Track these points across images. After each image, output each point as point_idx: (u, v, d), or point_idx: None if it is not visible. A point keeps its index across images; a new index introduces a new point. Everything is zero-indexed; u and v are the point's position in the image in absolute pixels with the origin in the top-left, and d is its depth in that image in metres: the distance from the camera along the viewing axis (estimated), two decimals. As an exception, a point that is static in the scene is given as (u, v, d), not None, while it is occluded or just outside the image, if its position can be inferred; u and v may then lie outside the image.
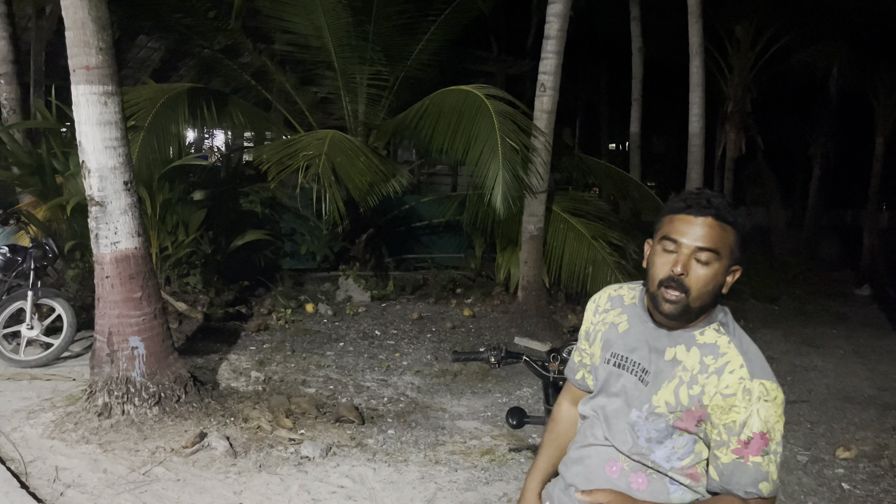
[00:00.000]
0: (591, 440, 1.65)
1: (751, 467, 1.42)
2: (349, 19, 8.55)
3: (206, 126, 9.00)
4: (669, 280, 1.49)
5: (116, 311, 4.50)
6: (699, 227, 1.47)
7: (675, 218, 1.51)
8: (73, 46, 4.27)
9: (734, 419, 1.43)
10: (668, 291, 1.49)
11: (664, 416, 1.51)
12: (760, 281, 11.77)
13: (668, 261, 1.50)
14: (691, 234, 1.47)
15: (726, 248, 1.48)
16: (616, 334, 1.68)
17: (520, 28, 16.75)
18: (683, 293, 1.48)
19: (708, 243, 1.47)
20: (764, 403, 1.42)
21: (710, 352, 1.51)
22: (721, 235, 1.47)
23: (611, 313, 1.73)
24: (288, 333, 7.33)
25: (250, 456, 4.21)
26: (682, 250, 1.48)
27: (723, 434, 1.45)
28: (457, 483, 4.05)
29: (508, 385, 6.10)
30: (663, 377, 1.53)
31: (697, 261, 1.47)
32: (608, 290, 1.79)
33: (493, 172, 6.94)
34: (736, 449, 1.43)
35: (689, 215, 1.49)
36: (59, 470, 3.87)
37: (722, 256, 1.48)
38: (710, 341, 1.53)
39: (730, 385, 1.45)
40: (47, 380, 5.39)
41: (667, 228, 1.52)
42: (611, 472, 1.59)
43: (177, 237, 7.75)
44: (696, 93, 9.44)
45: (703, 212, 1.48)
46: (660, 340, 1.57)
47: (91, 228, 4.49)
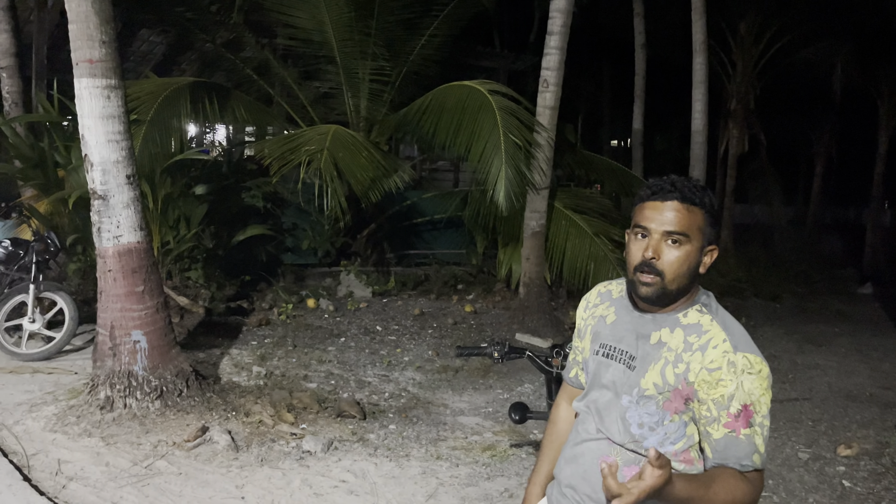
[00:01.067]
0: (583, 436, 1.66)
1: (743, 440, 1.43)
2: (352, 14, 8.53)
3: (207, 120, 8.98)
4: (643, 265, 1.53)
5: (119, 305, 4.50)
6: (666, 212, 1.52)
7: (643, 206, 1.56)
8: (77, 40, 4.27)
9: (721, 393, 1.45)
10: (643, 276, 1.53)
11: (654, 397, 1.53)
12: (762, 279, 11.78)
13: (641, 247, 1.54)
14: (658, 220, 1.52)
15: (695, 229, 1.52)
16: (604, 326, 1.71)
17: (522, 24, 16.74)
18: (658, 276, 1.52)
19: (675, 227, 1.51)
20: (748, 376, 1.44)
21: (693, 331, 1.53)
22: (688, 217, 1.51)
23: (599, 307, 1.77)
24: (289, 328, 7.33)
25: (252, 450, 4.21)
26: (652, 236, 1.53)
27: (712, 410, 1.46)
28: (458, 478, 4.05)
29: (510, 381, 6.09)
30: (649, 360, 1.55)
31: (668, 244, 1.52)
32: (599, 287, 1.84)
33: (495, 168, 6.92)
34: (727, 423, 1.45)
35: (656, 201, 1.54)
36: (62, 463, 3.87)
37: (692, 238, 1.52)
38: (693, 321, 1.55)
39: (714, 360, 1.47)
40: (49, 373, 5.39)
41: (637, 217, 1.57)
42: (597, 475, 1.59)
43: (178, 232, 7.75)
44: (699, 90, 9.43)
45: (668, 196, 1.52)
46: (645, 326, 1.60)
47: (94, 222, 4.49)
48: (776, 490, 4.08)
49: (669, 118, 19.43)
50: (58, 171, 7.36)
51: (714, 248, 1.57)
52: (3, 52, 7.86)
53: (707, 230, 1.54)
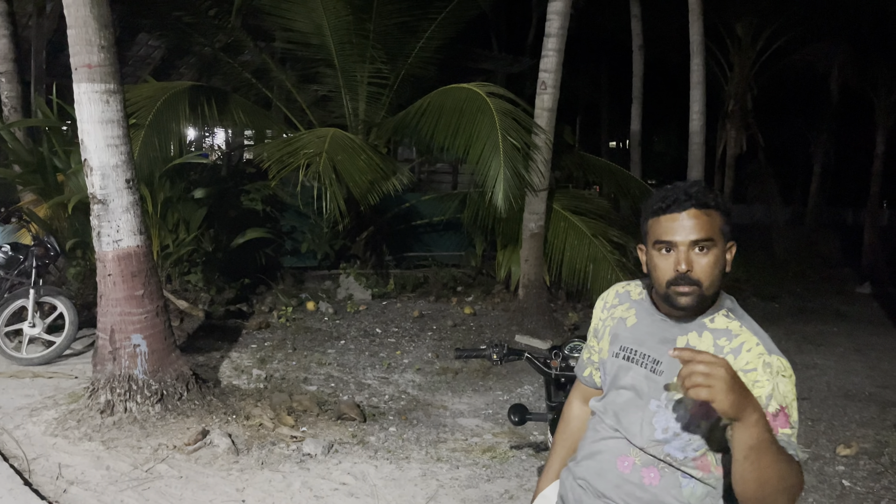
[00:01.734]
0: (602, 435, 1.66)
1: (783, 439, 1.41)
2: (349, 17, 8.55)
3: (206, 124, 8.99)
4: (678, 279, 1.51)
5: (118, 309, 4.51)
6: (686, 222, 1.50)
7: (659, 220, 1.54)
8: (75, 45, 4.28)
9: (758, 394, 1.43)
10: (680, 287, 1.51)
11: (684, 401, 1.52)
12: (761, 279, 11.80)
13: (670, 262, 1.52)
14: (681, 231, 1.50)
15: (717, 231, 1.51)
16: (624, 328, 1.70)
17: (520, 26, 16.78)
18: (696, 286, 1.50)
19: (700, 234, 1.49)
20: (783, 378, 1.45)
21: (723, 335, 1.53)
22: (708, 222, 1.50)
23: (619, 308, 1.76)
24: (289, 331, 7.34)
25: (252, 453, 4.22)
26: (678, 248, 1.51)
27: None
28: (458, 480, 4.06)
29: (509, 383, 6.11)
30: (677, 364, 1.51)
31: (696, 252, 1.50)
32: (616, 287, 1.83)
33: (494, 170, 6.93)
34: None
35: (673, 213, 1.51)
36: (62, 467, 3.88)
37: (716, 241, 1.51)
38: (721, 326, 1.55)
39: (749, 361, 1.47)
40: (49, 377, 5.40)
41: (656, 232, 1.54)
42: (622, 466, 1.60)
43: (178, 235, 7.75)
44: (697, 91, 9.45)
45: (684, 206, 1.51)
46: (670, 331, 1.59)
47: (93, 226, 4.50)
48: (775, 490, 4.08)
49: (668, 119, 19.49)
50: (57, 176, 7.36)
51: (733, 243, 1.57)
52: (1, 58, 7.88)
53: (726, 229, 1.54)
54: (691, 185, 1.54)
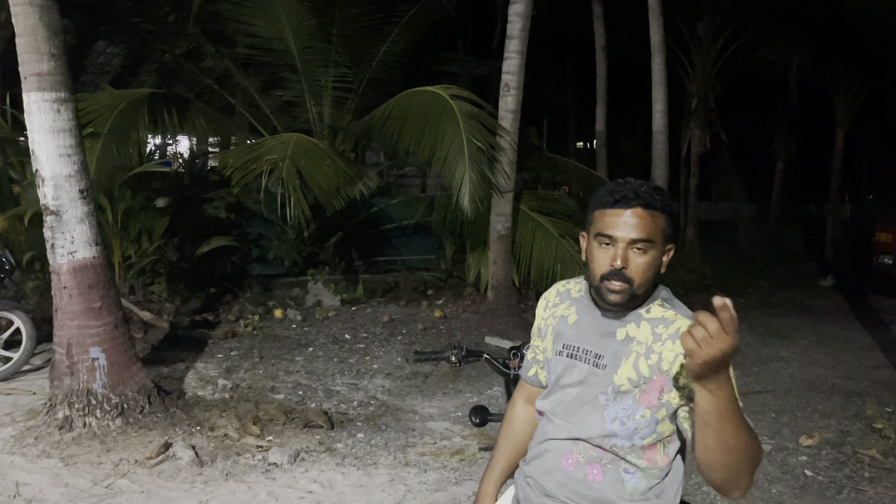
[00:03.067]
0: (549, 435, 1.67)
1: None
2: (312, 21, 8.48)
3: (167, 132, 8.86)
4: (611, 274, 1.53)
5: (76, 322, 4.41)
6: (630, 219, 1.52)
7: (605, 213, 1.55)
8: (24, 53, 4.18)
9: None
10: (611, 283, 1.54)
11: (630, 392, 1.55)
12: (727, 274, 11.96)
13: (607, 256, 1.54)
14: (623, 228, 1.52)
15: (658, 233, 1.53)
16: (566, 326, 1.72)
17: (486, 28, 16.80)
18: (627, 283, 1.53)
19: (641, 234, 1.51)
20: None
21: (659, 323, 1.56)
22: (652, 223, 1.52)
23: (560, 307, 1.78)
24: (256, 340, 7.26)
25: (217, 464, 4.16)
26: (617, 244, 1.52)
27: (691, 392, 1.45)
28: (426, 484, 4.04)
29: (479, 385, 6.10)
30: (620, 356, 1.57)
31: (634, 251, 1.52)
32: (556, 286, 1.85)
33: (459, 173, 6.93)
34: None
35: (619, 209, 1.53)
36: (20, 485, 3.78)
37: (656, 243, 1.53)
38: (657, 316, 1.58)
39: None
40: (7, 394, 5.26)
41: (599, 224, 1.56)
42: (567, 464, 1.62)
43: (140, 245, 7.63)
44: (659, 90, 9.56)
45: (631, 203, 1.52)
46: (609, 325, 1.62)
47: (47, 238, 4.40)
48: (740, 483, 4.12)
49: (634, 119, 19.65)
50: (13, 188, 7.21)
51: (672, 246, 1.60)
52: (-47, 68, 7.68)
53: (668, 232, 1.56)
54: (641, 184, 1.55)
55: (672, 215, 1.57)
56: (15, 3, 4.06)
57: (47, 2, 4.11)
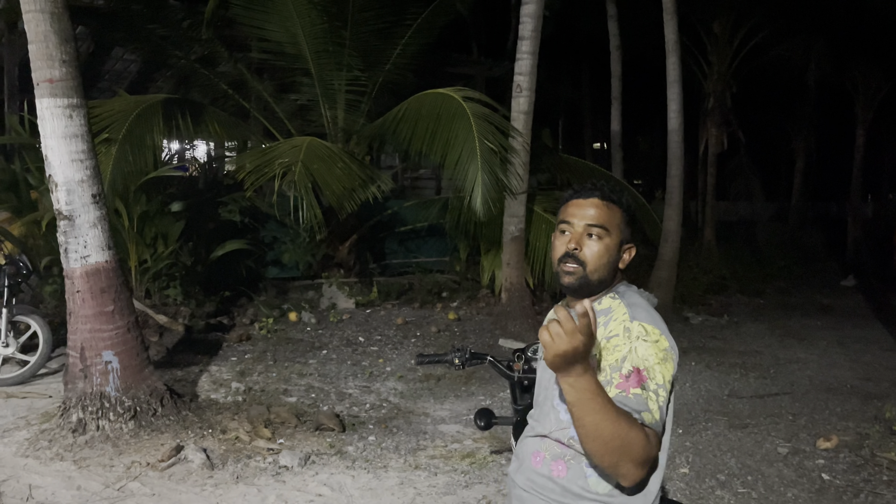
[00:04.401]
0: (525, 434, 1.76)
1: (632, 398, 1.45)
2: (324, 25, 8.52)
3: (181, 137, 8.93)
4: (566, 256, 1.63)
5: (88, 326, 4.45)
6: (587, 208, 1.64)
7: (567, 205, 1.69)
8: (37, 60, 4.23)
9: (616, 357, 1.52)
10: (566, 265, 1.63)
11: None
12: (746, 275, 11.82)
13: (564, 240, 1.65)
14: (580, 215, 1.64)
15: (614, 225, 1.64)
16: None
17: (500, 30, 16.78)
18: (580, 265, 1.62)
19: (596, 220, 1.62)
20: (643, 342, 1.51)
21: (602, 314, 1.62)
22: (608, 213, 1.64)
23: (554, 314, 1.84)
24: (270, 343, 7.28)
25: (227, 467, 4.17)
26: (574, 229, 1.64)
27: (608, 373, 1.51)
28: (436, 487, 4.02)
29: (492, 387, 6.07)
30: None
31: (589, 237, 1.63)
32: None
33: (471, 175, 6.92)
34: (619, 384, 1.48)
35: (578, 199, 1.67)
36: (33, 488, 3.82)
37: (611, 233, 1.63)
38: (605, 307, 1.65)
39: (612, 329, 1.56)
40: (23, 397, 5.32)
41: (561, 215, 1.69)
42: (535, 461, 1.66)
43: (156, 249, 7.69)
44: (674, 89, 9.47)
45: (589, 194, 1.66)
46: None
47: (60, 243, 4.45)
48: (754, 486, 4.07)
49: (650, 119, 19.52)
50: (31, 193, 7.30)
51: (632, 245, 1.69)
52: (-28, 76, 7.81)
53: (624, 228, 1.66)
54: (601, 181, 1.70)
55: (629, 213, 1.68)
56: (27, 10, 4.11)
57: (58, 8, 4.16)
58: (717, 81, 13.46)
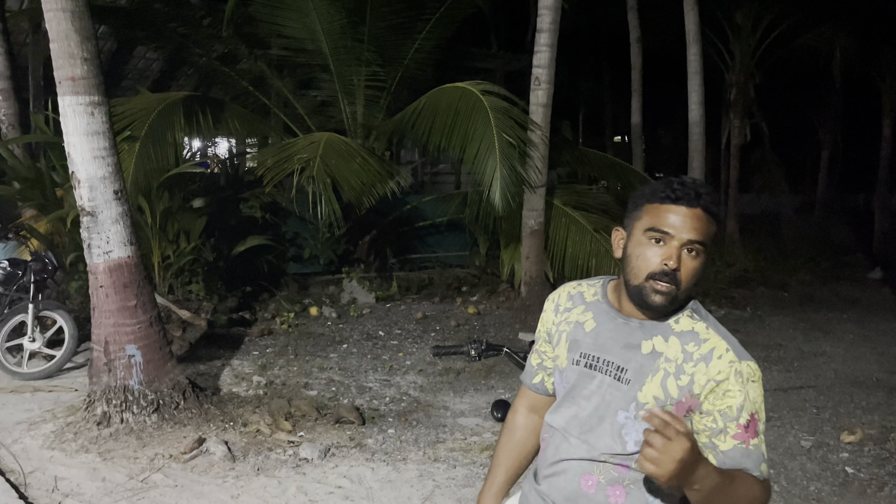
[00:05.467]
0: (563, 455, 1.56)
1: (752, 450, 1.38)
2: (343, 21, 8.54)
3: (202, 134, 9.02)
4: (662, 274, 1.43)
5: (112, 321, 4.51)
6: (690, 220, 1.42)
7: (662, 208, 1.45)
8: (58, 58, 4.29)
9: (730, 404, 1.39)
10: (659, 284, 1.43)
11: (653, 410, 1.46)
12: (770, 268, 11.65)
13: (658, 253, 1.44)
14: (683, 227, 1.42)
15: (711, 240, 1.46)
16: (583, 333, 1.59)
17: (519, 23, 16.71)
18: (675, 286, 1.43)
19: (699, 237, 1.43)
20: (752, 384, 1.41)
21: (690, 339, 1.46)
22: (709, 228, 1.44)
23: (573, 311, 1.64)
24: (291, 337, 7.34)
25: (248, 460, 4.21)
26: (672, 243, 1.43)
27: (719, 421, 1.40)
28: (455, 480, 4.03)
29: (511, 381, 6.06)
30: (646, 371, 1.47)
31: (686, 253, 1.44)
32: (567, 288, 1.71)
33: (490, 168, 6.90)
34: (736, 434, 1.39)
35: (680, 206, 1.43)
36: (58, 480, 3.89)
37: (708, 249, 1.45)
38: (686, 329, 1.48)
39: (721, 370, 1.41)
40: (50, 391, 5.43)
41: (653, 219, 1.45)
42: (586, 486, 1.51)
43: (178, 245, 7.78)
44: (695, 81, 9.37)
45: (694, 203, 1.43)
46: (633, 335, 1.51)
47: (83, 238, 4.51)
48: (777, 479, 4.02)
49: (672, 111, 19.33)
50: (56, 191, 7.41)
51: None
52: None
53: (714, 242, 1.49)
54: (702, 186, 1.46)
55: (720, 225, 1.51)
56: (48, 9, 4.17)
57: (79, 7, 4.21)
58: (739, 72, 13.28)
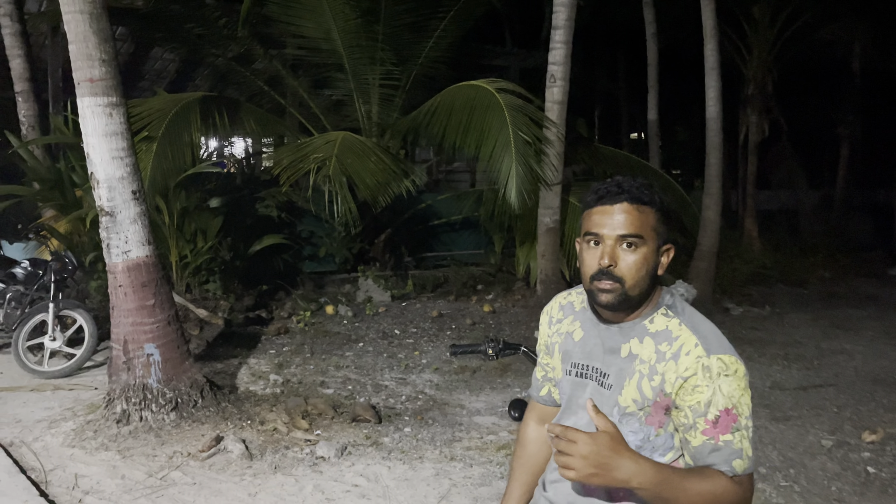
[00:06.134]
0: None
1: (722, 446, 1.36)
2: (358, 20, 8.57)
3: (219, 134, 9.08)
4: (600, 273, 1.46)
5: (130, 319, 4.55)
6: (616, 215, 1.45)
7: (591, 212, 1.49)
8: (77, 60, 4.34)
9: (698, 399, 1.38)
10: (601, 283, 1.46)
11: (635, 414, 1.47)
12: (788, 264, 11.54)
13: (595, 255, 1.47)
14: (610, 224, 1.45)
15: (648, 229, 1.46)
16: (573, 343, 1.63)
17: (534, 20, 16.65)
18: (617, 282, 1.45)
19: (628, 229, 1.44)
20: (725, 378, 1.38)
21: (663, 339, 1.47)
22: (640, 218, 1.45)
23: (564, 322, 1.68)
24: (308, 336, 7.37)
25: (266, 458, 4.23)
26: (605, 242, 1.46)
27: (689, 417, 1.40)
28: (471, 478, 4.03)
29: (528, 379, 6.01)
30: (624, 375, 1.49)
31: (623, 248, 1.45)
32: (558, 299, 1.75)
33: (506, 166, 6.90)
34: (705, 430, 1.38)
35: (604, 205, 1.47)
36: (79, 477, 3.93)
37: (647, 239, 1.46)
38: (661, 328, 1.49)
39: (688, 367, 1.40)
40: (70, 389, 5.49)
41: (587, 224, 1.50)
42: (588, 490, 1.52)
43: (195, 245, 7.84)
44: (712, 76, 9.26)
45: (616, 199, 1.46)
46: (613, 339, 1.53)
47: (102, 238, 4.56)
48: (797, 479, 3.98)
49: (688, 107, 19.17)
50: (75, 191, 7.49)
51: (670, 246, 1.52)
52: (17, 77, 8.04)
53: (661, 229, 1.48)
54: (628, 180, 1.49)
55: (665, 212, 1.49)
56: (67, 11, 4.22)
57: (97, 9, 4.25)
58: (757, 67, 13.14)
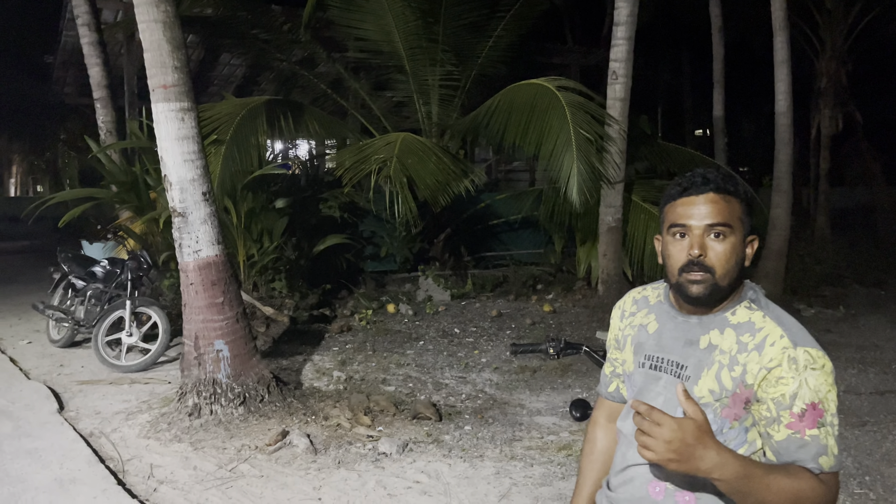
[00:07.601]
0: (630, 461, 1.55)
1: (809, 441, 1.33)
2: (418, 22, 8.66)
3: (284, 136, 9.32)
4: (690, 265, 1.44)
5: (201, 317, 4.73)
6: (703, 206, 1.44)
7: (676, 204, 1.48)
8: (151, 67, 4.53)
9: (783, 392, 1.35)
10: (692, 274, 1.44)
11: (710, 405, 1.44)
12: (864, 264, 11.05)
13: (683, 247, 1.46)
14: (697, 215, 1.44)
15: (735, 219, 1.44)
16: (646, 335, 1.60)
17: (594, 17, 16.46)
18: (708, 273, 1.43)
19: (717, 218, 1.43)
20: (812, 372, 1.34)
21: (745, 330, 1.44)
22: (727, 208, 1.44)
23: (637, 315, 1.67)
24: (370, 334, 7.48)
25: (329, 453, 4.33)
26: (693, 232, 1.44)
27: (773, 410, 1.36)
28: (532, 478, 4.02)
29: (588, 380, 5.99)
30: (702, 366, 1.46)
31: (711, 238, 1.44)
32: (632, 294, 1.73)
33: (567, 165, 6.85)
34: (790, 423, 1.34)
35: (690, 196, 1.46)
36: (154, 467, 4.11)
37: (734, 229, 1.44)
38: (743, 320, 1.46)
39: (773, 357, 1.37)
40: (145, 383, 5.73)
41: (671, 217, 1.49)
42: (654, 493, 1.49)
43: (262, 244, 8.06)
44: (782, 70, 8.97)
45: (702, 189, 1.45)
46: (692, 331, 1.50)
47: (175, 238, 4.75)
48: (872, 486, 3.83)
49: (756, 102, 18.60)
50: (150, 193, 7.81)
51: (755, 237, 1.50)
52: (96, 85, 8.44)
53: (746, 219, 1.47)
54: (710, 171, 1.48)
55: (749, 203, 1.47)
56: (142, 21, 4.41)
57: (170, 18, 4.43)
58: (830, 60, 12.65)
